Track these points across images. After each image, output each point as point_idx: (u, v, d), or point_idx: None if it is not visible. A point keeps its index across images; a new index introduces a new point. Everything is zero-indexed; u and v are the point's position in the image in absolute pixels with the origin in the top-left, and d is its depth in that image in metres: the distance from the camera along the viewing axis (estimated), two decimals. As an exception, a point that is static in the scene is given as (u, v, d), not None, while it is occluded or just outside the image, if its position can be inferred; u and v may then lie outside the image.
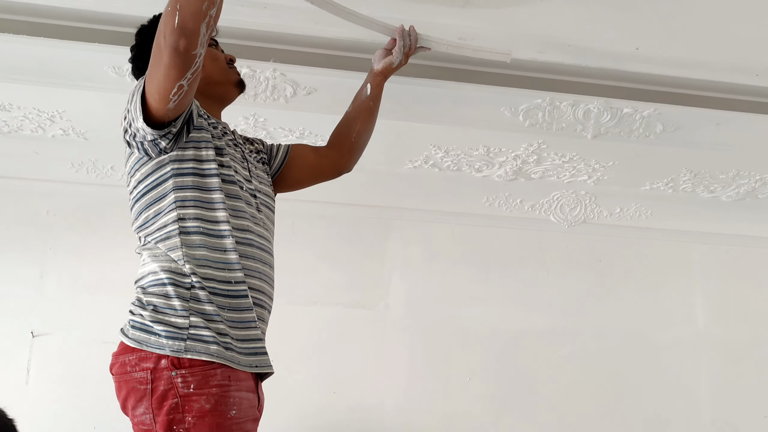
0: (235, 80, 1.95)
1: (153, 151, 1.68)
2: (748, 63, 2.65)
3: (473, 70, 2.66)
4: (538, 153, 3.09)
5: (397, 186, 3.43)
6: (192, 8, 1.48)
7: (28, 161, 3.18)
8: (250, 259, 1.71)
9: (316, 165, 2.13)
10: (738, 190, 3.42)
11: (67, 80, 2.56)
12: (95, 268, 3.39)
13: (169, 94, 1.56)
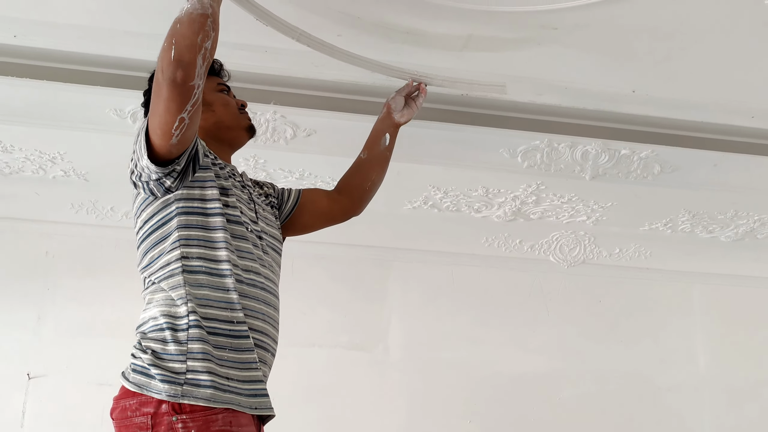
0: (245, 125, 1.98)
1: (158, 191, 1.69)
2: (744, 105, 2.68)
3: (472, 112, 2.69)
4: (536, 194, 3.11)
5: (396, 226, 3.44)
6: (187, 41, 1.54)
7: (29, 202, 3.19)
8: (254, 300, 1.69)
9: (327, 210, 2.14)
10: (737, 231, 3.43)
11: (68, 122, 2.59)
12: (93, 309, 3.38)
13: (171, 128, 1.58)
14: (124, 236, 3.33)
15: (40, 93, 2.45)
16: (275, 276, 1.82)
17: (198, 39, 1.55)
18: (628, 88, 2.59)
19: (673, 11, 2.16)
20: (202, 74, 1.57)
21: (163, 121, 1.58)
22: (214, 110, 1.93)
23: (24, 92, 2.44)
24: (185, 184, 1.69)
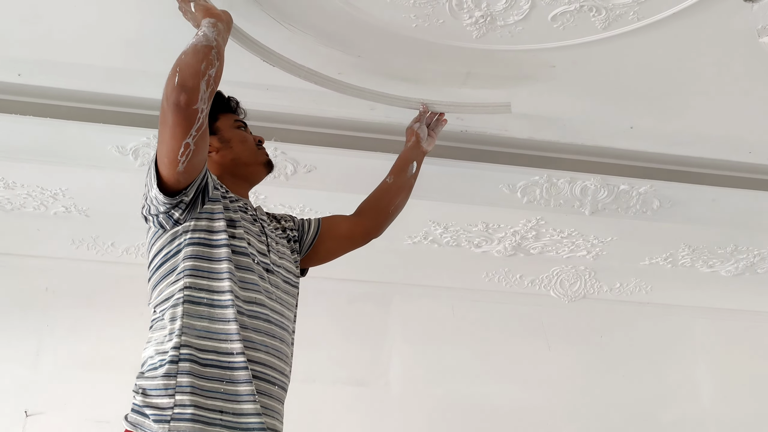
0: (263, 161, 2.00)
1: (167, 224, 1.71)
2: (741, 140, 2.71)
3: (472, 149, 2.73)
4: (536, 229, 3.12)
5: (397, 261, 3.45)
6: (191, 69, 1.60)
7: (29, 238, 3.21)
8: (254, 332, 1.68)
9: (348, 233, 2.16)
10: (737, 265, 3.43)
11: (71, 159, 2.62)
12: (92, 345, 3.37)
13: (177, 154, 1.61)
14: (124, 272, 3.36)
15: (43, 130, 2.49)
16: (286, 309, 1.81)
17: (201, 66, 1.62)
18: (626, 124, 2.62)
19: (668, 49, 2.20)
20: (206, 99, 1.62)
21: (169, 148, 1.62)
22: (232, 147, 1.96)
23: (27, 130, 2.48)
24: (193, 216, 1.71)
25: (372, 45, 2.23)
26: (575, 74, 2.33)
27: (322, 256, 2.10)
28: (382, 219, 2.22)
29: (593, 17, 2.05)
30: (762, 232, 3.13)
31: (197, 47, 1.65)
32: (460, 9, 2.04)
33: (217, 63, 1.66)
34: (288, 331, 1.79)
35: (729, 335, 3.87)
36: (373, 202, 2.24)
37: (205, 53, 1.64)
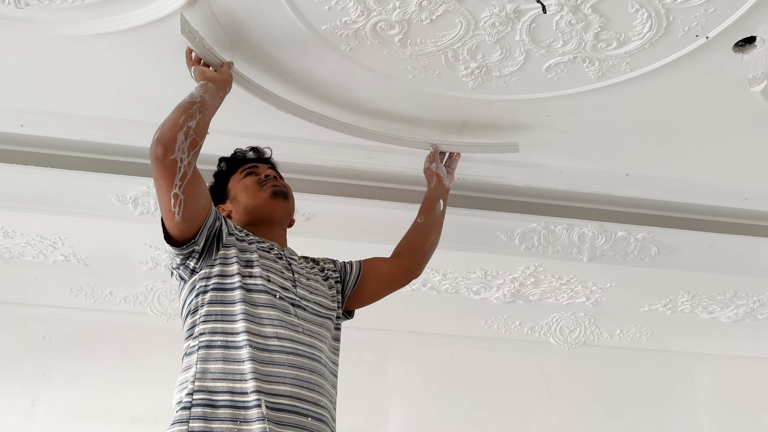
0: (267, 195, 2.02)
1: (186, 274, 1.79)
2: (737, 187, 2.75)
3: (469, 196, 2.76)
4: (535, 275, 3.12)
5: (396, 309, 3.43)
6: (169, 123, 1.69)
7: (28, 286, 3.20)
8: (278, 366, 1.70)
9: (389, 273, 2.19)
10: (737, 311, 3.43)
11: (71, 208, 2.64)
12: (88, 395, 3.33)
13: (170, 206, 1.69)
14: (122, 320, 3.36)
15: (44, 179, 2.52)
16: (316, 341, 1.81)
17: (180, 119, 1.70)
18: (622, 171, 2.66)
19: (661, 99, 2.24)
20: (185, 149, 1.68)
21: (161, 200, 1.70)
22: (239, 200, 2.03)
23: (28, 179, 2.51)
24: (208, 263, 1.78)
25: (370, 94, 2.28)
26: (570, 123, 2.37)
27: (366, 297, 2.13)
28: (419, 258, 2.27)
29: (587, 68, 2.10)
30: (761, 277, 3.14)
31: (180, 104, 1.75)
32: (456, 60, 2.08)
33: (199, 116, 1.73)
34: (320, 362, 1.78)
35: (731, 382, 3.84)
36: (408, 242, 2.29)
37: (186, 108, 1.73)
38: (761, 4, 1.83)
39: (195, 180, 1.71)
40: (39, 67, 2.15)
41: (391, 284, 2.21)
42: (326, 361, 1.82)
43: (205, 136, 1.77)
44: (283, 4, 1.87)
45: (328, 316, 1.90)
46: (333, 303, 1.95)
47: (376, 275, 2.14)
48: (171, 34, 1.95)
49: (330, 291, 1.97)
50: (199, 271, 1.78)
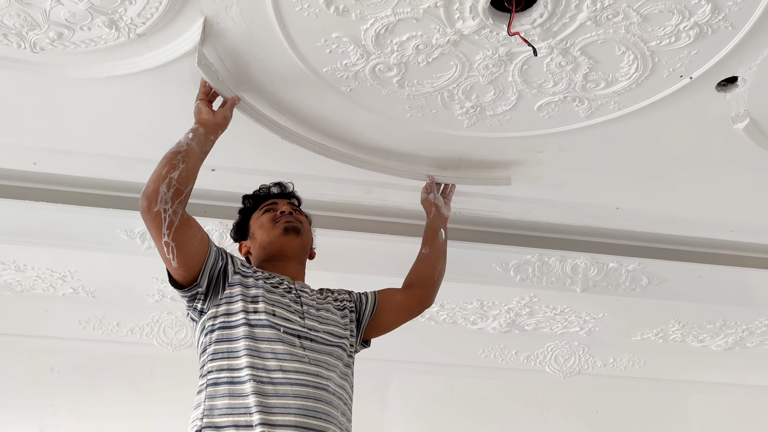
0: (279, 232, 2.03)
1: (195, 316, 1.81)
2: (723, 220, 2.76)
3: (465, 229, 2.77)
4: (530, 306, 3.12)
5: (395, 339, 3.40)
6: (153, 176, 1.73)
7: (37, 319, 3.20)
8: (283, 397, 1.70)
9: (404, 303, 2.20)
10: (727, 340, 3.43)
11: (80, 242, 2.64)
12: (93, 424, 3.31)
13: (164, 253, 1.72)
14: (127, 351, 3.35)
15: (55, 215, 2.54)
16: (325, 370, 1.80)
17: (164, 171, 1.73)
18: (612, 205, 2.68)
19: (649, 136, 2.27)
20: (168, 200, 1.71)
21: (158, 249, 1.74)
22: (255, 237, 2.06)
23: (40, 214, 2.52)
24: (214, 303, 1.80)
25: (369, 132, 2.30)
26: (562, 159, 2.40)
27: (384, 326, 2.13)
28: (430, 287, 2.29)
29: (576, 107, 2.12)
30: (748, 306, 3.14)
31: (165, 154, 1.78)
32: (452, 100, 2.11)
33: (182, 165, 1.75)
34: (327, 390, 1.77)
35: (723, 410, 3.82)
36: (418, 273, 2.30)
37: (169, 159, 1.76)
38: (741, 46, 1.86)
39: (184, 226, 1.73)
40: (52, 108, 2.18)
41: (408, 314, 2.21)
42: (335, 389, 1.80)
43: (192, 182, 1.79)
44: (286, 48, 1.90)
45: (339, 344, 1.89)
46: (345, 331, 1.94)
47: (393, 306, 2.14)
48: (178, 77, 2.00)
49: (343, 320, 1.96)
50: (206, 312, 1.79)
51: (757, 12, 1.75)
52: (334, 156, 2.34)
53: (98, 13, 1.77)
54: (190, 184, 1.78)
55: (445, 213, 2.45)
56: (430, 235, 2.38)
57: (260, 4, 1.77)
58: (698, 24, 1.79)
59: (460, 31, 1.83)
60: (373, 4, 1.76)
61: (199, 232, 1.79)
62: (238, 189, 2.35)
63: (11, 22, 1.79)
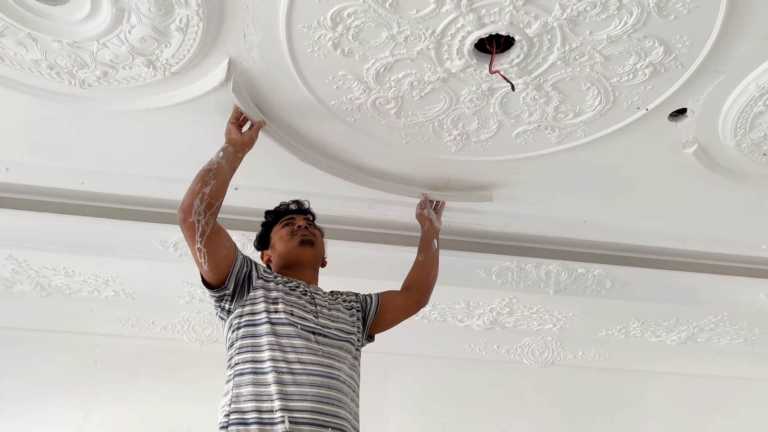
0: (296, 243, 2.03)
1: (224, 315, 1.82)
2: (676, 231, 2.76)
3: (453, 239, 2.75)
4: (510, 306, 3.11)
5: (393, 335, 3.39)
6: (188, 191, 1.74)
7: (83, 317, 3.19)
8: (300, 386, 1.70)
9: (403, 304, 2.20)
10: (680, 335, 3.42)
11: (121, 252, 2.65)
12: (131, 410, 3.29)
13: (197, 258, 1.73)
14: (162, 346, 3.34)
15: (100, 228, 2.52)
16: (336, 362, 1.80)
17: (197, 187, 1.73)
18: (580, 218, 2.67)
19: (612, 159, 2.27)
20: (201, 212, 1.71)
21: (191, 254, 1.74)
22: (275, 247, 2.06)
23: (86, 228, 2.52)
24: (240, 304, 1.80)
25: (371, 156, 2.30)
26: (536, 179, 2.40)
27: (386, 323, 2.13)
28: (425, 289, 2.30)
29: (549, 134, 2.13)
30: (698, 306, 3.13)
31: (200, 171, 1.78)
32: (441, 129, 2.12)
33: (213, 181, 1.75)
34: (338, 380, 1.77)
35: (677, 396, 3.81)
36: (414, 278, 2.31)
37: (202, 175, 1.76)
38: (690, 82, 1.88)
39: (215, 235, 1.74)
40: (97, 136, 2.18)
41: (406, 313, 2.22)
42: (345, 378, 1.80)
43: (223, 196, 1.79)
44: (299, 84, 1.92)
45: (348, 339, 1.89)
46: (353, 327, 1.94)
47: (393, 306, 2.15)
48: (207, 109, 2.00)
49: (351, 318, 1.96)
50: (233, 311, 1.80)
51: (702, 54, 1.77)
52: (343, 175, 2.34)
53: (138, 55, 1.79)
54: (221, 198, 1.78)
55: (437, 225, 2.46)
56: (425, 245, 2.38)
57: (277, 47, 1.78)
58: (653, 63, 1.81)
59: (448, 70, 1.84)
60: (373, 47, 1.77)
61: (228, 241, 1.79)
62: (259, 205, 2.36)
63: (63, 62, 1.81)
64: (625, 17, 1.65)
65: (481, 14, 1.64)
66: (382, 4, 1.62)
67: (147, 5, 1.61)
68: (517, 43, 1.74)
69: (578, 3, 1.61)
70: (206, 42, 1.76)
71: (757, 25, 1.69)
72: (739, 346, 3.54)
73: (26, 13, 1.65)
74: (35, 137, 2.19)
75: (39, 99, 1.97)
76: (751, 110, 1.99)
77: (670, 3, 1.61)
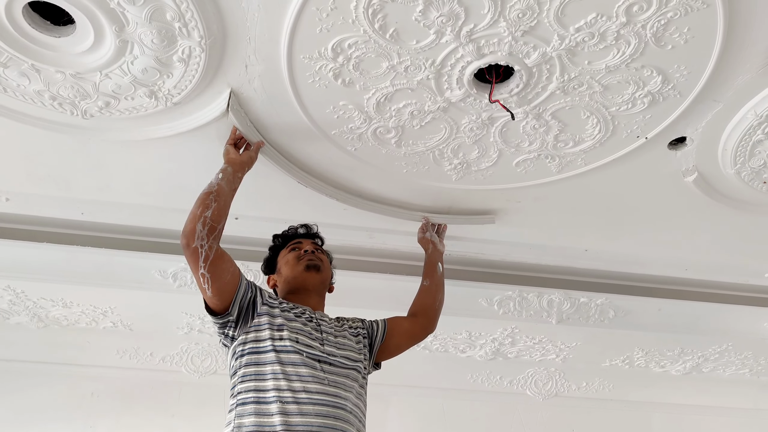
0: (302, 269, 2.02)
1: (227, 342, 1.79)
2: (679, 260, 2.77)
3: (454, 269, 2.75)
4: (512, 336, 3.10)
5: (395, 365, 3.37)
6: (190, 216, 1.72)
7: (80, 349, 3.16)
8: (305, 416, 1.67)
9: (410, 330, 2.16)
10: (684, 365, 3.40)
11: (120, 282, 2.64)
12: (128, 444, 3.27)
13: (201, 283, 1.71)
14: (159, 378, 3.30)
15: (99, 258, 2.53)
16: (341, 390, 1.77)
17: (198, 211, 1.72)
18: (582, 247, 2.68)
19: (612, 187, 2.29)
20: (204, 236, 1.70)
21: (195, 280, 1.73)
22: (281, 272, 2.05)
23: (85, 258, 2.52)
24: (244, 331, 1.78)
25: (372, 185, 2.32)
26: (537, 208, 2.41)
27: (392, 350, 2.10)
28: (432, 314, 2.26)
29: (549, 163, 2.15)
30: (703, 336, 3.12)
31: (200, 195, 1.77)
32: (442, 158, 2.14)
33: (214, 204, 1.75)
34: (344, 409, 1.75)
35: (682, 428, 3.76)
36: (421, 303, 2.27)
37: (203, 199, 1.75)
38: (688, 111, 1.90)
39: (219, 260, 1.73)
40: (97, 166, 2.20)
41: (413, 339, 2.18)
42: (351, 408, 1.77)
43: (225, 218, 1.78)
44: (300, 114, 1.93)
45: (355, 367, 1.87)
46: (359, 355, 1.92)
47: (400, 331, 2.11)
48: (208, 138, 2.02)
49: (357, 345, 1.94)
50: (237, 339, 1.78)
51: (700, 83, 1.79)
52: (343, 199, 2.33)
53: (140, 86, 1.81)
54: (223, 221, 1.77)
55: (441, 248, 2.43)
56: (430, 268, 2.36)
57: (278, 78, 1.81)
58: (651, 93, 1.83)
59: (448, 99, 1.87)
60: (374, 77, 1.79)
61: (232, 266, 1.78)
62: (258, 235, 2.37)
63: (66, 93, 1.83)
64: (623, 47, 1.68)
65: (481, 45, 1.67)
66: (383, 35, 1.65)
67: (150, 37, 1.64)
68: (517, 72, 1.76)
69: (576, 34, 1.64)
70: (208, 73, 1.78)
71: (754, 55, 1.72)
72: (744, 377, 3.52)
73: (30, 45, 1.68)
74: (36, 167, 2.20)
75: (40, 129, 1.99)
76: (750, 138, 2.01)
77: (667, 33, 1.64)
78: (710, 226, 2.49)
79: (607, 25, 1.61)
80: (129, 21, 1.59)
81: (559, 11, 1.57)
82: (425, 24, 1.61)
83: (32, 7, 1.62)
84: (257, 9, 1.61)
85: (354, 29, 1.63)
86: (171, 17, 1.59)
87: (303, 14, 1.60)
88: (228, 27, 1.66)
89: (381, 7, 1.57)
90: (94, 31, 1.63)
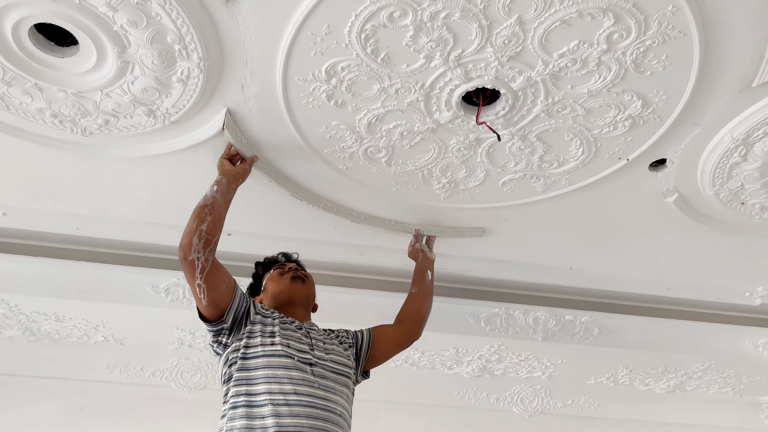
0: (287, 281, 2.07)
1: (220, 349, 1.83)
2: (661, 278, 2.81)
3: (442, 286, 2.77)
4: (498, 353, 3.12)
5: (382, 382, 3.38)
6: (186, 229, 1.77)
7: (71, 363, 3.18)
8: (296, 417, 1.71)
9: (395, 337, 2.20)
10: (668, 383, 3.43)
11: (113, 296, 2.66)
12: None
13: (197, 294, 1.76)
14: (149, 392, 3.32)
15: (92, 273, 2.56)
16: (331, 394, 1.82)
17: (194, 224, 1.77)
18: (566, 265, 2.72)
19: (596, 207, 2.33)
20: (200, 249, 1.75)
21: (191, 290, 1.78)
22: (267, 289, 2.09)
23: (79, 273, 2.55)
24: (237, 338, 1.82)
25: (363, 203, 2.36)
26: (523, 226, 2.46)
27: (378, 357, 2.13)
28: (418, 322, 2.29)
29: (534, 183, 2.20)
30: (686, 354, 3.16)
31: (195, 208, 1.81)
32: (431, 177, 2.19)
33: (209, 217, 1.79)
34: (334, 413, 1.79)
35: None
36: (407, 310, 2.31)
37: (198, 212, 1.80)
38: (668, 133, 1.96)
39: (214, 271, 1.77)
40: (94, 182, 2.23)
41: (398, 346, 2.22)
42: (341, 411, 1.82)
43: (220, 230, 1.82)
44: (293, 133, 1.98)
45: (344, 373, 1.91)
46: (349, 361, 1.96)
47: (385, 339, 2.15)
48: (205, 156, 2.06)
49: (345, 353, 1.99)
50: (230, 346, 1.82)
51: (679, 107, 1.86)
52: (335, 211, 2.37)
53: (140, 104, 1.86)
54: (218, 233, 1.81)
55: (431, 257, 2.46)
56: (419, 276, 2.40)
57: (273, 98, 1.86)
58: (632, 116, 1.89)
59: (437, 121, 1.92)
60: (365, 99, 1.85)
61: (227, 278, 1.83)
62: (251, 251, 2.41)
63: (67, 111, 1.88)
64: (605, 73, 1.75)
65: (468, 69, 1.74)
66: (375, 59, 1.71)
67: (151, 58, 1.69)
68: (503, 96, 1.83)
69: (560, 59, 1.71)
70: (205, 93, 1.83)
71: (730, 80, 1.79)
72: (727, 395, 3.56)
73: (34, 65, 1.73)
74: (33, 182, 2.24)
75: (39, 145, 2.03)
76: (728, 161, 2.07)
77: (646, 60, 1.71)
78: (691, 245, 2.54)
79: (588, 52, 1.68)
80: (131, 43, 1.65)
81: (543, 38, 1.65)
82: (415, 49, 1.68)
83: (37, 29, 1.67)
84: (254, 33, 1.67)
85: (347, 53, 1.69)
86: (171, 40, 1.65)
87: (298, 38, 1.66)
88: (226, 49, 1.71)
89: (373, 33, 1.64)
90: (97, 52, 1.68)
